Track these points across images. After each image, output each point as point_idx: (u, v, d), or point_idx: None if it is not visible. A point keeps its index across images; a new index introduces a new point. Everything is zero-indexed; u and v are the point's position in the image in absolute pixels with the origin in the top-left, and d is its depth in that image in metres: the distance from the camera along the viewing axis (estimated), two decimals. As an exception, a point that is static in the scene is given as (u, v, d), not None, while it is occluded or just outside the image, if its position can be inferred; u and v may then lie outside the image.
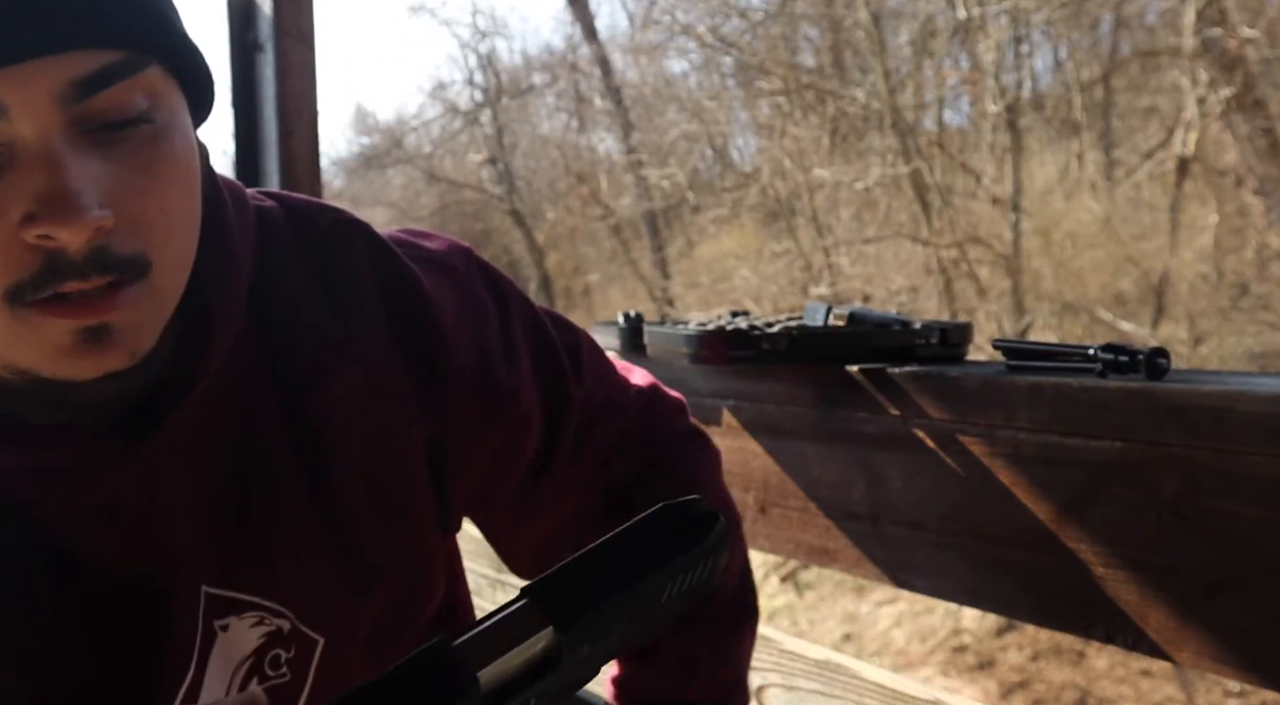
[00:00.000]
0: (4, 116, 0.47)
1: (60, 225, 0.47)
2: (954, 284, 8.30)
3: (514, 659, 0.40)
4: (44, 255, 0.48)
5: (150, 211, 0.51)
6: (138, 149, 0.51)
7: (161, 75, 0.52)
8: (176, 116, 0.53)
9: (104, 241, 0.49)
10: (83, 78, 0.48)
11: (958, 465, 0.85)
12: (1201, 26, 7.26)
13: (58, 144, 0.48)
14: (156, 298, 0.52)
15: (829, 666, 1.02)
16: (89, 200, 0.48)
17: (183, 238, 0.54)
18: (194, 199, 0.55)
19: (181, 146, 0.53)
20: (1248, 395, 0.66)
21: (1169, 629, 0.73)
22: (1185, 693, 4.61)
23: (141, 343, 0.52)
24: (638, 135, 11.28)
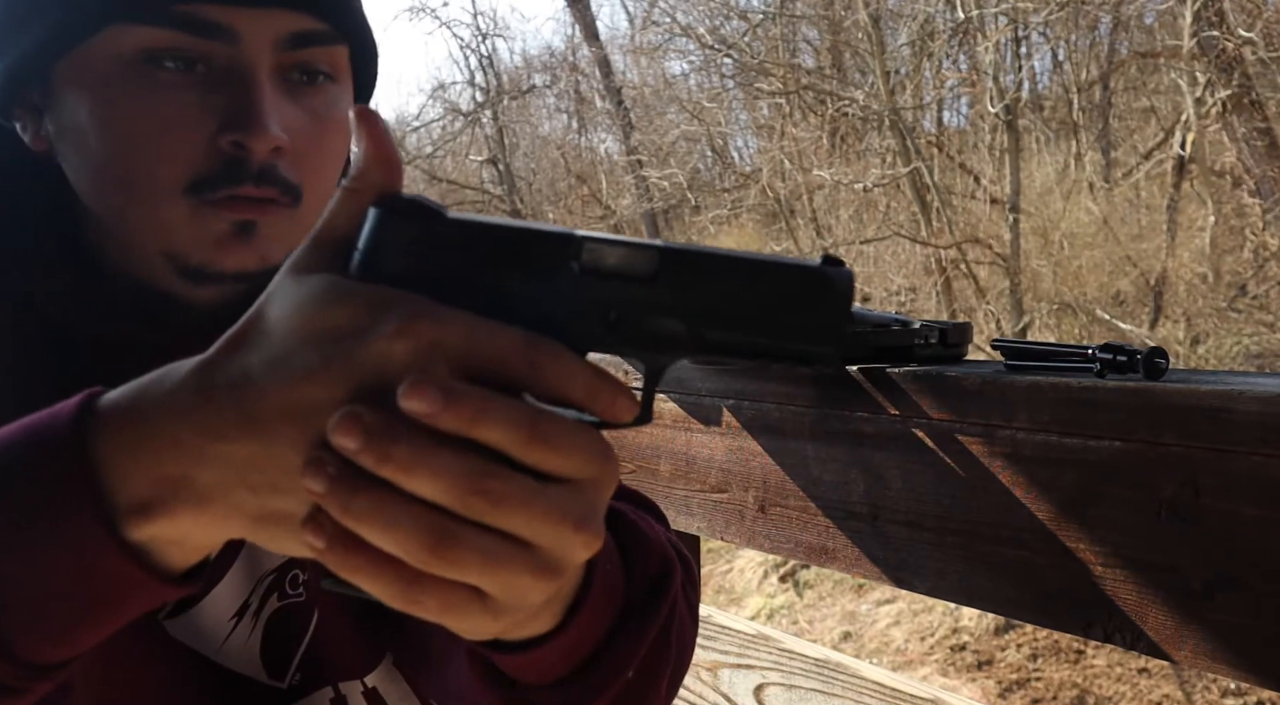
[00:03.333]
0: (236, 42, 0.58)
1: (251, 135, 0.58)
2: (953, 284, 8.31)
3: (619, 249, 0.42)
4: (228, 160, 0.58)
5: (313, 155, 0.62)
6: (316, 105, 0.62)
7: (345, 56, 0.64)
8: (347, 93, 0.65)
9: (275, 162, 0.59)
10: (298, 33, 0.60)
11: (957, 465, 0.85)
12: (1199, 28, 7.27)
13: (265, 76, 0.59)
14: (297, 223, 0.61)
15: (828, 665, 1.02)
16: (274, 122, 0.58)
17: (329, 185, 0.63)
18: (340, 161, 0.65)
19: (344, 117, 0.64)
20: (1246, 395, 0.67)
21: (1167, 628, 0.73)
22: (1183, 691, 4.62)
23: (273, 254, 0.61)
24: (638, 136, 11.29)
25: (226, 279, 0.61)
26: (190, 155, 0.58)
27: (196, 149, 0.58)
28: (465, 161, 12.47)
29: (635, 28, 12.01)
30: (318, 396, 0.38)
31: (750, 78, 10.47)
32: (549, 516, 0.39)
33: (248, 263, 0.61)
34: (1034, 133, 8.81)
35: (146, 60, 0.58)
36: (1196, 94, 7.47)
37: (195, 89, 0.58)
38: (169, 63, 0.58)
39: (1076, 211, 8.24)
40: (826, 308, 0.42)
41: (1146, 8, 8.16)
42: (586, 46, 12.12)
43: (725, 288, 0.42)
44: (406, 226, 0.41)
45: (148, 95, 0.58)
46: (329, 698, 0.69)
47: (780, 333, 0.42)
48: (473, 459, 0.38)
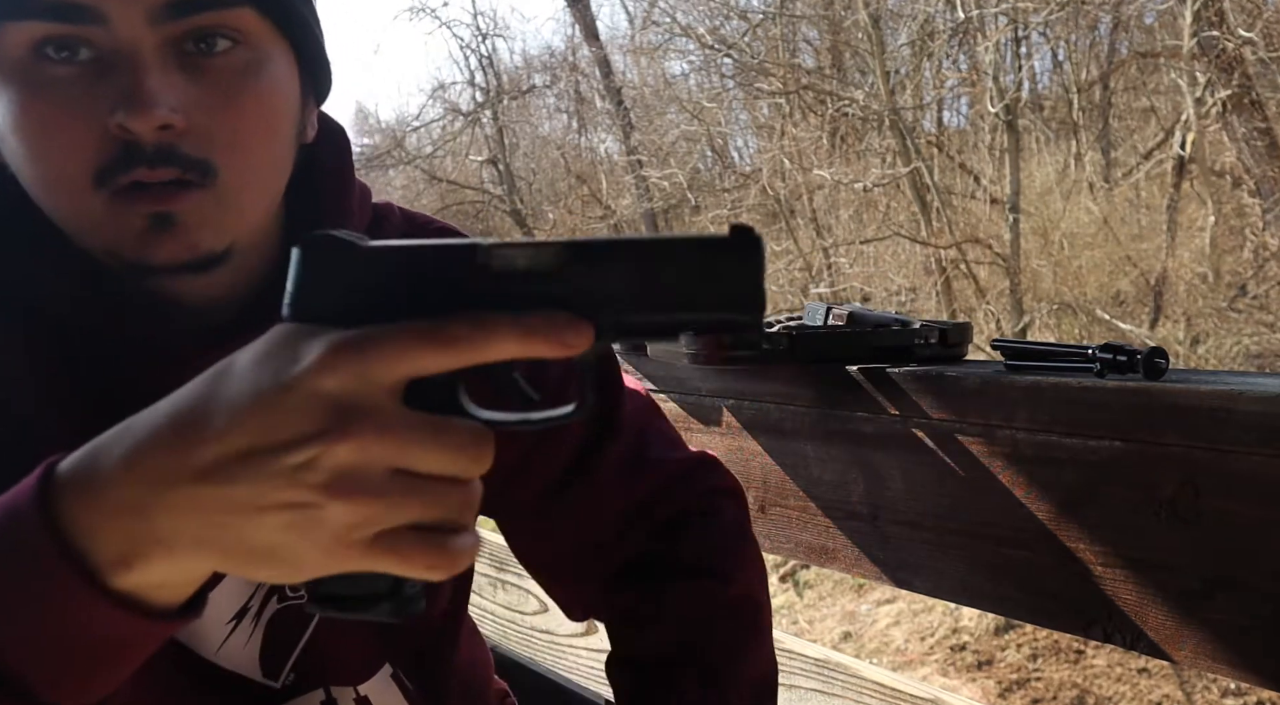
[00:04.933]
0: (106, 25, 0.57)
1: (132, 116, 0.56)
2: (953, 284, 8.30)
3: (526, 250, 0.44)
4: (123, 145, 0.57)
5: (222, 128, 0.59)
6: (221, 75, 0.59)
7: (256, 18, 0.61)
8: (268, 59, 0.61)
9: (173, 140, 0.58)
10: (174, 1, 0.57)
11: (957, 465, 0.85)
12: (1199, 28, 7.26)
13: (146, 54, 0.57)
14: (221, 204, 0.60)
15: (828, 665, 1.02)
16: (162, 100, 0.57)
17: (254, 160, 0.62)
18: (273, 132, 0.63)
19: (266, 85, 0.61)
20: (1246, 395, 0.67)
21: (1167, 628, 0.73)
22: (1183, 691, 4.62)
23: (203, 240, 0.60)
24: (638, 136, 11.28)
25: (165, 272, 0.61)
26: (89, 146, 0.57)
27: (93, 138, 0.57)
28: (465, 161, 12.46)
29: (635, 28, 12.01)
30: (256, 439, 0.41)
31: (750, 78, 10.46)
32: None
33: (177, 254, 0.60)
34: (1034, 133, 8.81)
35: (35, 56, 0.57)
36: (1196, 94, 7.46)
37: (84, 78, 0.57)
38: (54, 54, 0.57)
39: (1076, 211, 8.23)
40: (739, 275, 0.44)
41: (1146, 8, 8.16)
42: (586, 46, 12.11)
43: (634, 271, 0.44)
44: (326, 260, 0.44)
45: (41, 90, 0.58)
46: (320, 699, 0.69)
47: (698, 307, 0.44)
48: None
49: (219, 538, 0.43)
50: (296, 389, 0.41)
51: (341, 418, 0.40)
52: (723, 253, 0.44)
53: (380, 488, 0.41)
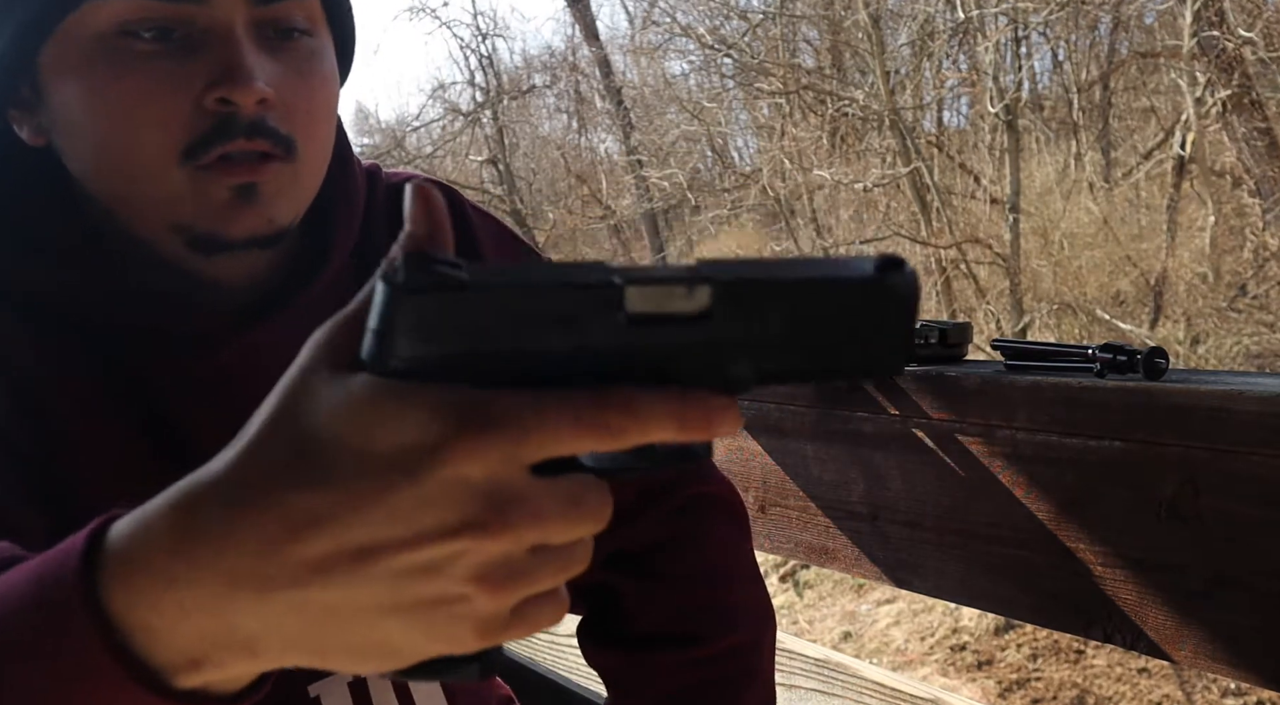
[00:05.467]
0: (205, 4, 0.59)
1: (235, 89, 0.58)
2: (953, 284, 8.30)
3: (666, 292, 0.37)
4: (217, 118, 0.59)
5: (300, 107, 0.62)
6: (296, 58, 0.63)
7: (319, 9, 0.65)
8: (326, 48, 0.65)
9: (264, 114, 0.60)
10: None
11: (957, 465, 0.85)
12: (1199, 28, 7.27)
13: (241, 34, 0.60)
14: (297, 179, 0.62)
15: (828, 665, 1.02)
16: (259, 75, 0.59)
17: (322, 140, 0.65)
18: (332, 116, 0.66)
19: (328, 71, 0.65)
20: (1246, 395, 0.67)
21: (1167, 628, 0.73)
22: (1183, 691, 4.62)
23: (280, 213, 0.62)
24: (638, 136, 11.28)
25: (238, 246, 0.62)
26: (179, 120, 0.58)
27: (184, 113, 0.58)
28: (465, 161, 12.46)
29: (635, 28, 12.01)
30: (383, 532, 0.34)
31: (750, 78, 10.46)
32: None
33: (256, 227, 0.61)
34: (1034, 133, 8.81)
35: (123, 34, 0.58)
36: (1196, 94, 7.47)
37: (175, 55, 0.59)
38: (145, 33, 0.58)
39: (1076, 211, 8.23)
40: (892, 319, 0.39)
41: (1146, 8, 8.16)
42: (586, 46, 12.12)
43: (785, 316, 0.38)
44: (422, 302, 0.35)
45: (130, 68, 0.58)
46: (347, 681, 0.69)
47: (845, 352, 0.39)
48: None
49: (321, 639, 0.36)
50: (435, 476, 0.34)
51: (492, 506, 0.34)
52: (878, 294, 0.38)
53: (526, 570, 0.36)
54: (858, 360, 0.39)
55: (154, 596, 0.36)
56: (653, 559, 0.78)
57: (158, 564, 0.36)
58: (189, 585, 0.35)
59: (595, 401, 0.35)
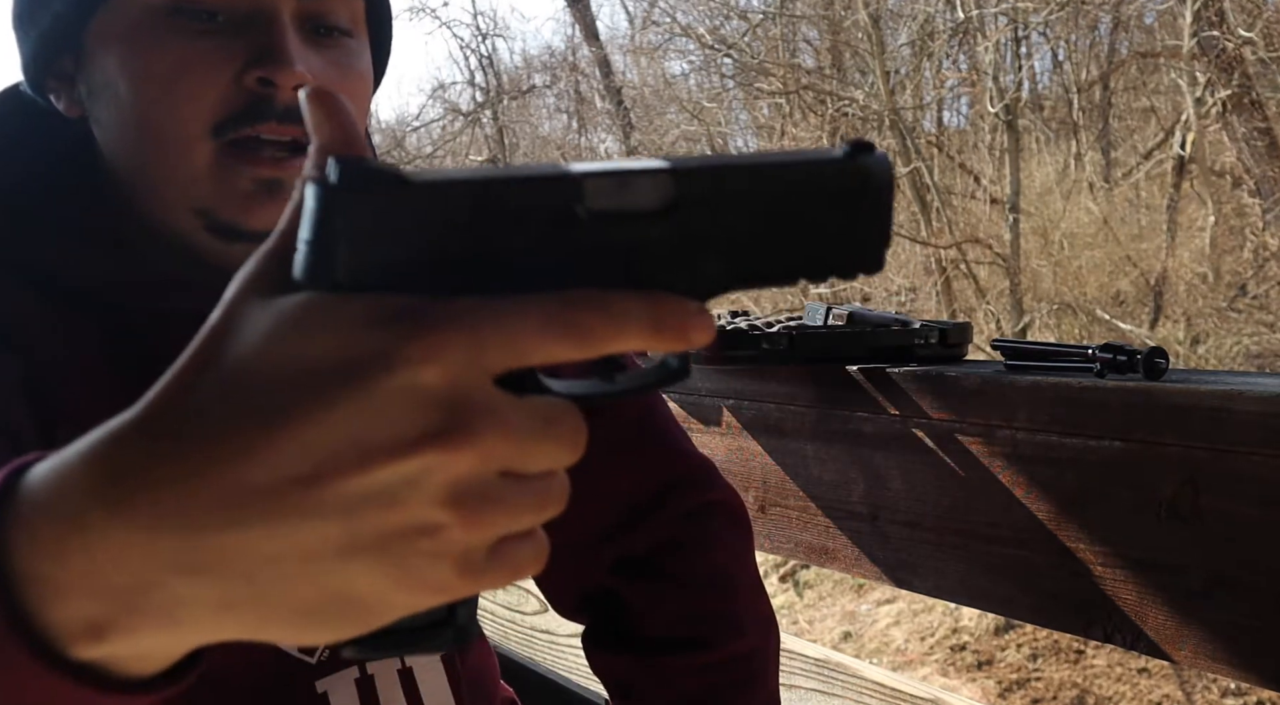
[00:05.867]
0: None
1: (277, 70, 0.59)
2: (953, 284, 8.30)
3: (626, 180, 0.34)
4: (253, 98, 0.60)
5: None
6: (336, 55, 0.64)
7: (362, 11, 0.66)
8: (364, 49, 0.67)
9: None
10: None
11: (957, 465, 0.85)
12: (1199, 28, 7.27)
13: (286, 22, 0.61)
14: None
15: (828, 665, 1.02)
16: (299, 60, 0.60)
17: None
18: (364, 117, 0.68)
19: (365, 71, 0.66)
20: (1246, 395, 0.67)
21: (1167, 628, 0.73)
22: (1183, 691, 4.62)
23: None
24: (638, 136, 11.29)
25: (257, 237, 0.61)
26: (216, 94, 0.60)
27: (222, 88, 0.60)
28: (465, 161, 12.46)
29: (635, 28, 12.01)
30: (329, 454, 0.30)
31: (750, 78, 10.47)
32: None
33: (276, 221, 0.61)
34: (1034, 133, 8.81)
35: (172, 11, 0.60)
36: (1196, 94, 7.47)
37: (219, 35, 0.60)
38: (191, 13, 0.60)
39: (1076, 211, 8.23)
40: (867, 204, 0.36)
41: (1146, 8, 8.16)
42: (586, 46, 12.12)
43: (753, 206, 0.35)
44: (361, 202, 0.31)
45: (173, 42, 0.60)
46: (354, 677, 0.69)
47: (819, 245, 0.36)
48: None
49: (263, 598, 0.31)
50: (384, 385, 0.30)
51: (455, 415, 0.30)
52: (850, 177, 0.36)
53: (500, 496, 0.32)
54: (833, 253, 0.37)
55: (58, 543, 0.31)
56: (659, 563, 0.78)
57: (68, 506, 0.31)
58: (102, 531, 0.30)
59: (564, 301, 0.32)
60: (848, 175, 0.36)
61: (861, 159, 0.36)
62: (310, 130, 0.35)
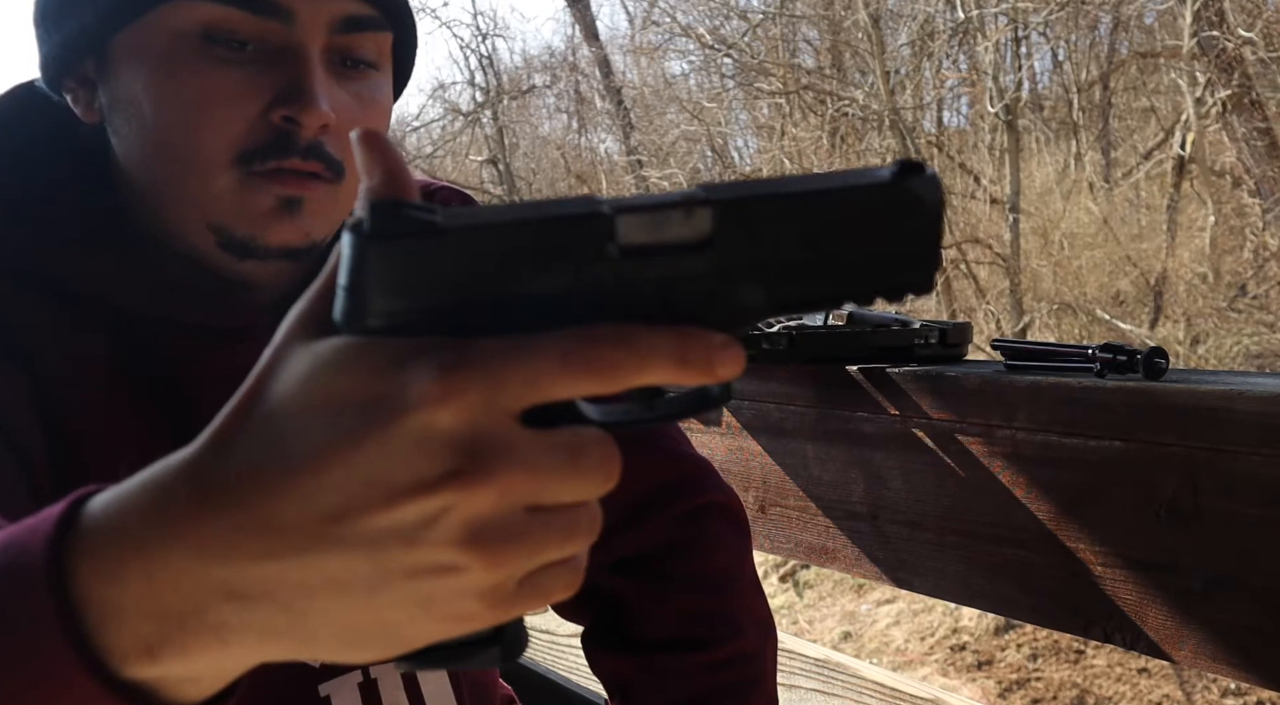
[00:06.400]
0: (291, 22, 0.61)
1: (304, 110, 0.60)
2: (953, 284, 8.30)
3: (662, 218, 0.33)
4: (278, 133, 0.61)
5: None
6: (360, 89, 0.65)
7: (389, 44, 0.66)
8: (387, 82, 0.67)
9: (322, 138, 0.62)
10: (351, 16, 0.63)
11: (957, 465, 0.85)
12: (1199, 28, 7.27)
13: (315, 57, 0.61)
14: (338, 201, 0.64)
15: (828, 665, 1.02)
16: (324, 100, 0.61)
17: None
18: None
19: (385, 104, 0.67)
20: (1246, 395, 0.67)
21: (1167, 628, 0.73)
22: (1183, 691, 4.62)
23: (317, 229, 0.63)
24: (638, 136, 11.29)
25: (271, 254, 0.63)
26: (240, 128, 0.60)
27: (247, 122, 0.60)
28: (465, 161, 12.47)
29: (635, 28, 12.01)
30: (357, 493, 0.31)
31: (750, 78, 10.47)
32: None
33: (292, 238, 0.62)
34: (1034, 133, 8.81)
35: (204, 37, 0.60)
36: (1196, 94, 7.47)
37: (249, 66, 0.61)
38: (223, 39, 0.60)
39: (1076, 211, 8.24)
40: (915, 227, 0.35)
41: (1146, 8, 8.16)
42: (586, 46, 12.12)
43: (798, 233, 0.34)
44: (392, 250, 0.32)
45: (203, 69, 0.60)
46: (357, 681, 0.69)
47: (866, 270, 0.35)
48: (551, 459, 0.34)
49: (305, 624, 0.33)
50: (405, 425, 0.31)
51: (472, 456, 0.31)
52: (901, 202, 0.35)
53: (522, 532, 0.32)
54: (881, 278, 0.36)
55: (119, 566, 0.33)
56: (659, 563, 0.78)
57: (129, 533, 0.33)
58: (158, 555, 0.33)
59: (585, 337, 0.32)
60: (896, 199, 0.35)
61: (911, 182, 0.35)
62: (360, 172, 0.36)
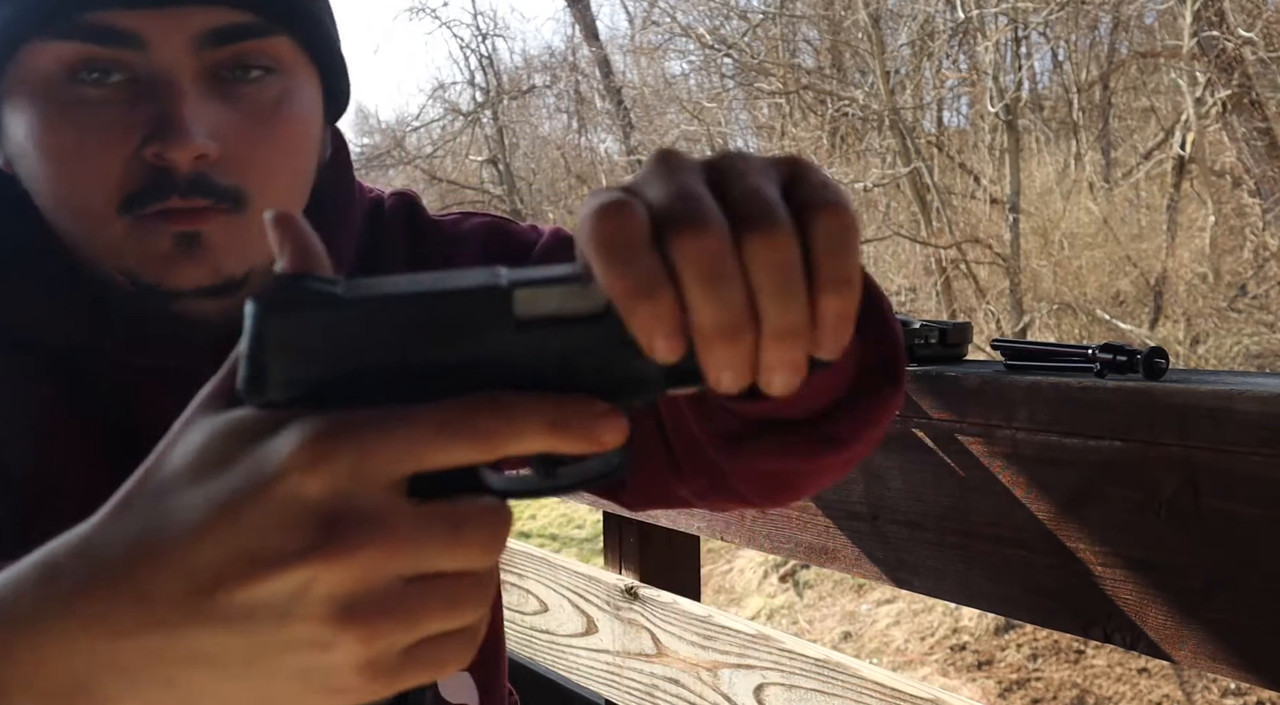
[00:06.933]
0: (144, 50, 0.55)
1: (168, 146, 0.55)
2: (953, 284, 8.31)
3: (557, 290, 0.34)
4: (154, 172, 0.56)
5: (255, 155, 0.58)
6: (257, 102, 0.59)
7: (291, 47, 0.60)
8: (300, 87, 0.61)
9: (206, 170, 0.56)
10: (219, 28, 0.56)
11: (957, 465, 0.85)
12: (1199, 28, 7.27)
13: (184, 82, 0.56)
14: (247, 230, 0.58)
15: (828, 665, 1.02)
16: (197, 130, 0.55)
17: (283, 187, 0.60)
18: (302, 158, 0.62)
19: (298, 112, 0.61)
20: (1246, 395, 0.67)
21: (1167, 628, 0.73)
22: (1183, 691, 4.62)
23: (228, 263, 0.58)
24: (638, 136, 11.29)
25: (186, 295, 0.59)
26: (118, 171, 0.56)
27: (123, 164, 0.56)
28: (465, 161, 12.47)
29: (635, 28, 12.02)
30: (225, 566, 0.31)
31: (750, 78, 10.47)
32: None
33: (200, 278, 0.58)
34: (1034, 133, 8.82)
35: (67, 76, 0.56)
36: (1196, 94, 7.47)
37: (118, 103, 0.56)
38: (86, 75, 0.56)
39: (1076, 211, 8.24)
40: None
41: (1146, 8, 8.16)
42: (586, 46, 12.13)
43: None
44: (293, 321, 0.33)
45: (74, 113, 0.56)
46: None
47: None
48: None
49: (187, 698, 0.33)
50: (268, 496, 0.31)
51: (331, 529, 0.31)
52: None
53: (395, 604, 0.32)
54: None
55: (8, 646, 0.33)
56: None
57: (19, 609, 0.34)
58: (47, 631, 0.33)
59: (462, 406, 0.33)
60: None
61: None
62: (275, 251, 0.36)
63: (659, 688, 1.13)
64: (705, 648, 1.09)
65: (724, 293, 0.32)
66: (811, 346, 0.34)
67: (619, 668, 1.19)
